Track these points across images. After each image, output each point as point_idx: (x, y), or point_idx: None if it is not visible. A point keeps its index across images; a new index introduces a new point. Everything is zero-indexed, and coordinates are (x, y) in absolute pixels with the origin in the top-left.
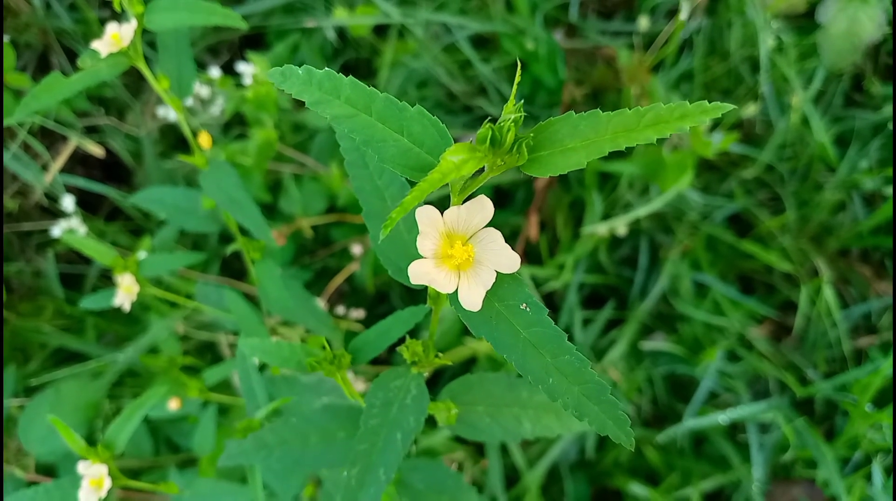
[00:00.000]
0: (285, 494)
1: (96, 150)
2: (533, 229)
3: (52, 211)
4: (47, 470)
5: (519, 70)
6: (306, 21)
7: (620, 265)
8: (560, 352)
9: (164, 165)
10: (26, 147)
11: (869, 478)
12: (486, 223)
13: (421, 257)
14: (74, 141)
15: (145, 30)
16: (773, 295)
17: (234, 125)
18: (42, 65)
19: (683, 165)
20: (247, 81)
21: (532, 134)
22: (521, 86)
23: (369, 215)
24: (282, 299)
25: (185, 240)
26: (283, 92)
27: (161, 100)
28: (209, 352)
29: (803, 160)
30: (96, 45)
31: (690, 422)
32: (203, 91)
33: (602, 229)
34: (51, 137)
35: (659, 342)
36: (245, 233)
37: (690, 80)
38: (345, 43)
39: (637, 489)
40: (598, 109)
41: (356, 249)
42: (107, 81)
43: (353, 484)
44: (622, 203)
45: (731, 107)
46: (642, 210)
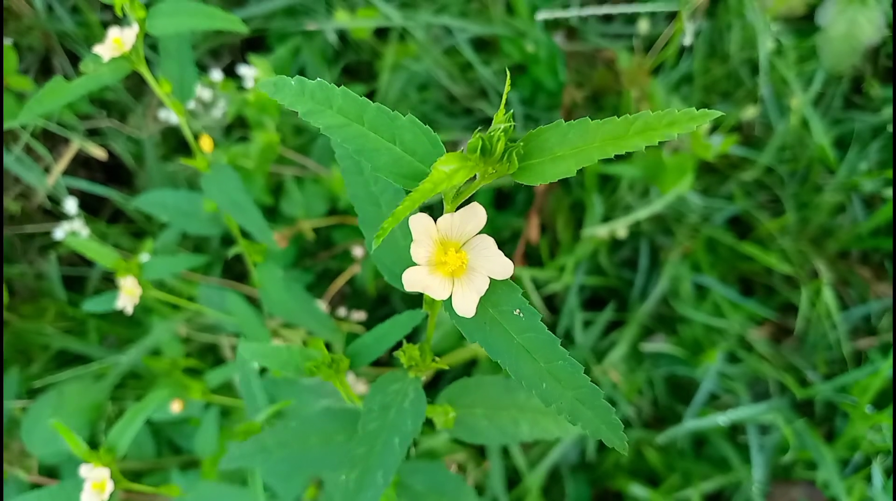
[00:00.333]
0: (287, 496)
1: (98, 152)
2: (533, 231)
3: (54, 213)
4: (50, 472)
5: (508, 80)
6: (307, 24)
7: (621, 267)
8: (553, 357)
9: (165, 167)
10: (28, 150)
11: (869, 479)
12: (479, 230)
13: (415, 264)
14: (77, 144)
15: (147, 34)
16: (773, 297)
17: (236, 128)
18: (44, 67)
19: (683, 168)
20: (248, 84)
21: (522, 143)
22: (522, 89)
23: (365, 222)
24: (283, 302)
25: (186, 243)
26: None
27: (163, 103)
28: (211, 354)
29: (803, 162)
30: (99, 49)
31: (691, 423)
32: (205, 94)
33: (602, 232)
34: (53, 140)
35: (659, 344)
36: (247, 236)
37: (690, 82)
38: (346, 46)
39: (638, 490)
40: (599, 111)
41: (357, 251)
42: (109, 85)
43: (352, 488)
44: (622, 205)
45: (719, 113)
46: (642, 212)
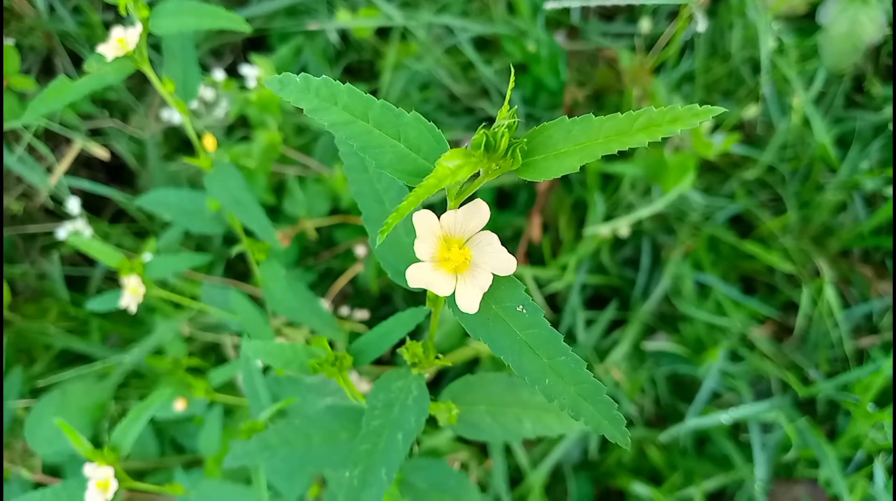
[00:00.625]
0: (290, 494)
1: (101, 152)
2: (535, 230)
3: (56, 213)
4: (53, 471)
5: (513, 77)
6: (309, 24)
7: (623, 266)
8: (556, 353)
9: (167, 167)
10: (31, 149)
11: (871, 478)
12: (482, 227)
13: (419, 260)
14: (79, 144)
15: (150, 33)
16: (775, 295)
17: (238, 128)
18: (46, 68)
19: (685, 167)
20: (251, 83)
21: (526, 139)
22: (523, 88)
23: (369, 219)
24: (286, 300)
25: (188, 242)
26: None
27: (165, 102)
28: (213, 353)
29: (804, 161)
30: (102, 49)
31: (693, 422)
32: (207, 94)
33: (604, 230)
34: (55, 140)
35: (661, 343)
36: (250, 234)
37: (692, 81)
38: (347, 45)
39: (640, 489)
40: (600, 110)
41: (360, 250)
42: (112, 85)
43: (356, 484)
44: (624, 204)
45: (722, 110)
46: (644, 211)
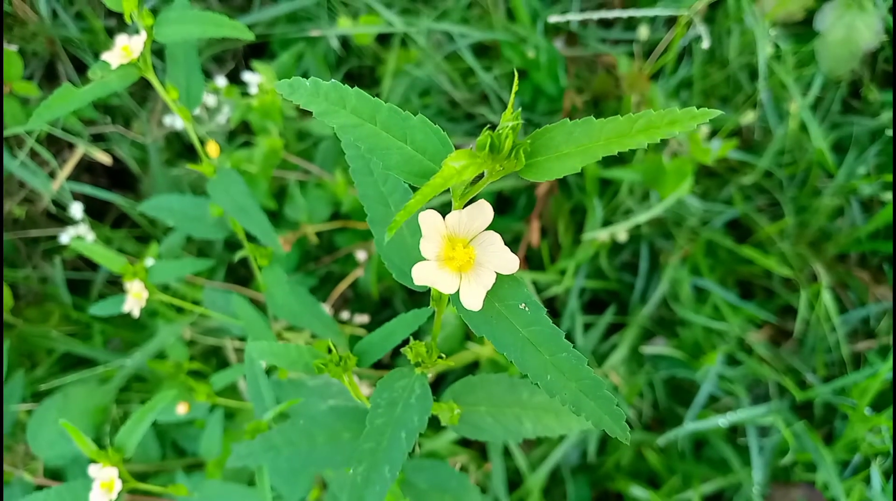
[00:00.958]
0: (292, 497)
1: (104, 157)
2: (534, 234)
3: (59, 218)
4: (55, 475)
5: (516, 80)
6: (310, 30)
7: (621, 271)
8: (558, 350)
9: (169, 172)
10: (33, 155)
11: (868, 481)
12: (486, 227)
13: (424, 259)
14: (82, 149)
15: (154, 41)
16: (773, 300)
17: (239, 133)
18: (49, 73)
19: (683, 172)
20: (252, 90)
21: (529, 140)
22: (523, 94)
23: (374, 221)
24: (288, 304)
25: (190, 247)
26: (288, 100)
27: (167, 108)
28: (215, 357)
29: (802, 166)
30: (107, 56)
31: (691, 425)
32: (209, 100)
33: (603, 235)
34: (58, 145)
35: (659, 347)
36: (252, 239)
37: (690, 87)
38: (348, 52)
39: (638, 492)
40: (599, 116)
41: (360, 255)
42: (115, 91)
43: (359, 482)
44: (623, 209)
45: (720, 112)
46: (643, 216)
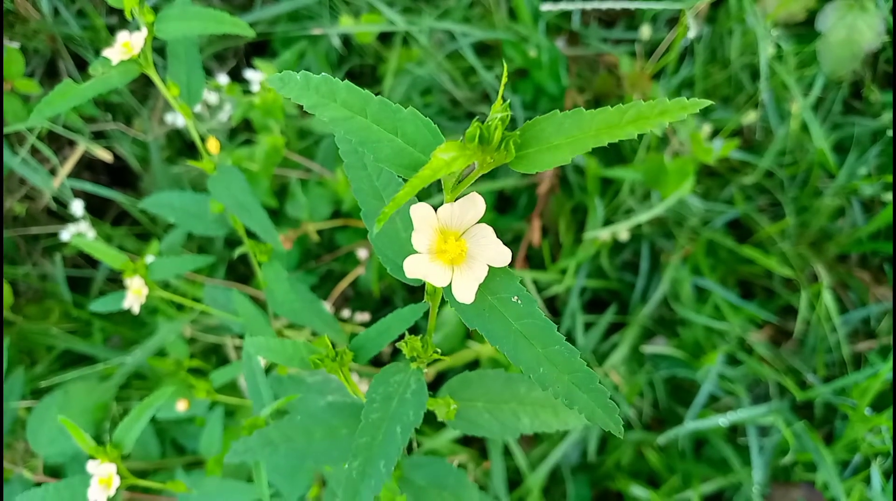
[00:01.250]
0: (291, 494)
1: (105, 155)
2: (535, 234)
3: (59, 215)
4: (55, 472)
5: (505, 71)
6: (312, 28)
7: (622, 270)
8: (550, 343)
9: (170, 169)
10: (34, 152)
11: (868, 481)
12: (478, 219)
13: (417, 253)
14: (83, 146)
15: (155, 38)
16: (773, 300)
17: (240, 131)
18: (50, 70)
19: (684, 172)
20: (254, 87)
21: (519, 132)
22: (524, 93)
23: (368, 215)
24: (289, 302)
25: (190, 244)
26: (289, 99)
27: (168, 106)
28: (215, 355)
29: (803, 167)
30: (108, 52)
31: (691, 425)
32: (210, 97)
33: (604, 235)
34: (58, 142)
35: (660, 346)
36: (252, 237)
37: (691, 87)
38: (350, 50)
39: (638, 491)
40: None
41: (361, 253)
42: (116, 88)
43: (355, 476)
44: (624, 209)
45: (710, 103)
46: (644, 216)
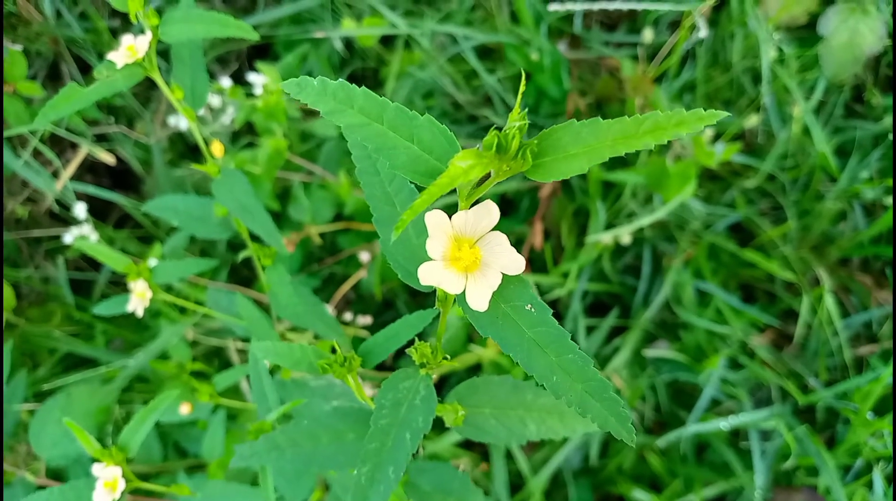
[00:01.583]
0: (295, 498)
1: (107, 158)
2: (537, 237)
3: (62, 218)
4: (57, 475)
5: (524, 81)
6: (314, 31)
7: (624, 274)
8: (564, 351)
9: (173, 172)
10: (37, 154)
11: (870, 486)
12: (492, 227)
13: (430, 260)
14: (85, 149)
15: (159, 41)
16: (775, 304)
17: (243, 134)
18: (52, 73)
19: (686, 175)
20: (257, 90)
21: (536, 141)
22: (526, 96)
23: (380, 221)
24: (292, 305)
25: (193, 248)
26: (292, 102)
27: (171, 109)
28: (217, 358)
29: (804, 170)
30: (113, 56)
31: (693, 429)
32: (213, 100)
33: (606, 238)
34: (61, 145)
35: (662, 350)
36: (256, 240)
37: (693, 90)
38: (352, 53)
39: (640, 495)
40: (602, 118)
41: (364, 256)
42: (120, 91)
43: (364, 482)
44: (626, 212)
45: (726, 114)
46: (646, 219)
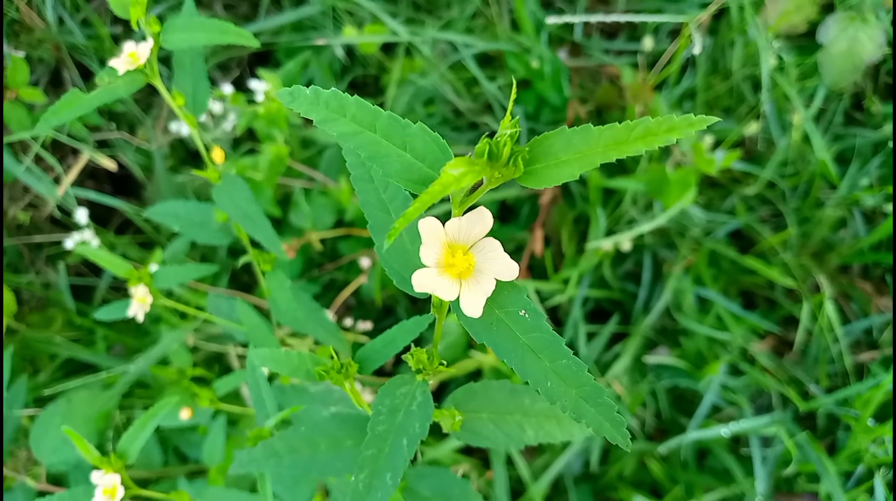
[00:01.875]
0: None
1: (109, 164)
2: (538, 244)
3: (63, 224)
4: (57, 480)
5: (514, 88)
6: (315, 39)
7: (624, 280)
8: (558, 357)
9: (174, 179)
10: (38, 160)
11: (871, 493)
12: (485, 233)
13: (424, 266)
14: (87, 155)
15: (160, 48)
16: (775, 310)
17: (244, 141)
18: (54, 80)
19: (686, 182)
20: (259, 97)
21: (528, 148)
22: (526, 104)
23: (374, 228)
24: (292, 311)
25: (194, 253)
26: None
27: (172, 115)
28: (217, 364)
29: (804, 177)
30: (114, 62)
31: (693, 435)
32: (215, 107)
33: (606, 245)
34: (62, 151)
35: (662, 356)
36: (256, 246)
37: (693, 98)
38: (353, 60)
39: None
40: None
41: (364, 262)
42: (121, 97)
43: (361, 489)
44: (626, 219)
45: (717, 119)
46: (646, 226)
